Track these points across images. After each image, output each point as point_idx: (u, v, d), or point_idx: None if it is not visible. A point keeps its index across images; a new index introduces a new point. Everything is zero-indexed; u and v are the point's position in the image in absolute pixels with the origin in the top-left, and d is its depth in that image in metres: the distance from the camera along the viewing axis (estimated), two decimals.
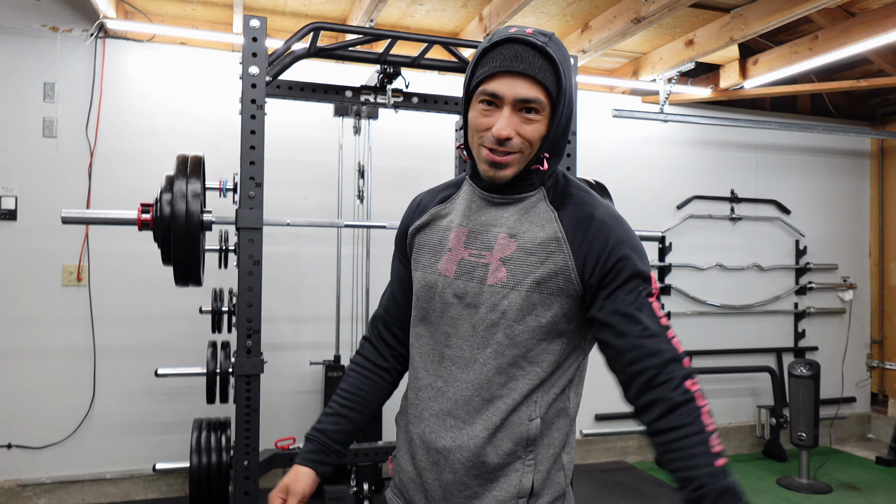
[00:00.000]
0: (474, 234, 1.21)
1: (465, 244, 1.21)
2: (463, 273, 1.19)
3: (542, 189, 1.21)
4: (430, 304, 1.23)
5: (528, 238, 1.17)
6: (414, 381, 1.27)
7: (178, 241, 2.32)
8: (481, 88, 1.13)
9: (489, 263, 1.17)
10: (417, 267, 1.27)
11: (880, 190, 5.23)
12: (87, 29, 3.57)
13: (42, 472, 3.49)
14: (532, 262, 1.15)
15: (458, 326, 1.19)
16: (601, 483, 4.08)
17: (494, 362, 1.16)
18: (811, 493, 3.97)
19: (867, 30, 3.48)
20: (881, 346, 5.21)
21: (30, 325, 3.48)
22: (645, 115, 4.47)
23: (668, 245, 4.63)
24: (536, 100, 1.11)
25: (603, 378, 4.37)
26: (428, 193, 1.34)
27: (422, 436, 1.21)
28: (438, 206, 1.29)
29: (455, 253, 1.21)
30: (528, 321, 1.15)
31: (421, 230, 1.29)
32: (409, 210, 1.35)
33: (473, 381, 1.17)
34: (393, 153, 4.00)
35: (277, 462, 2.78)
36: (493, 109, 1.12)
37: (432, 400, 1.21)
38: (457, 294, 1.19)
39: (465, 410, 1.17)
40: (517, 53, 1.10)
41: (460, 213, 1.24)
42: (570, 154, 2.63)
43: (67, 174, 3.54)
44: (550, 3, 3.57)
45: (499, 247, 1.17)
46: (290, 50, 2.54)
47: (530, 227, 1.17)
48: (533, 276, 1.14)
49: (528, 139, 1.13)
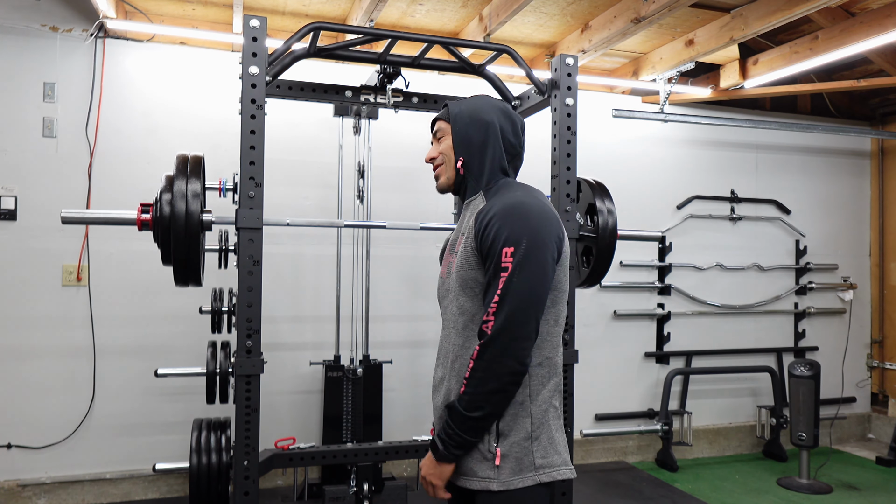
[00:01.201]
0: (453, 240, 1.64)
1: (449, 250, 1.66)
2: (447, 272, 1.64)
3: (482, 192, 1.63)
4: (441, 302, 1.68)
5: (463, 232, 1.59)
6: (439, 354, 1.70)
7: (178, 241, 2.32)
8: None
9: (451, 261, 1.61)
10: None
11: (880, 190, 5.23)
12: (87, 29, 3.57)
13: (42, 472, 3.49)
14: (461, 249, 1.56)
15: (446, 311, 1.63)
16: (601, 483, 4.07)
17: (454, 328, 1.57)
18: (811, 493, 3.97)
19: (867, 30, 3.48)
20: (881, 346, 5.21)
21: (30, 325, 3.48)
22: (645, 115, 4.47)
23: (668, 245, 4.63)
24: (440, 129, 1.70)
25: (603, 378, 4.35)
26: None
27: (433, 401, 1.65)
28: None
29: (446, 259, 1.67)
30: (466, 292, 1.53)
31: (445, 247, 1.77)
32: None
33: (447, 349, 1.60)
34: (393, 153, 4.00)
35: (277, 462, 2.78)
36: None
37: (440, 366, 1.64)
38: (446, 288, 1.63)
39: (446, 369, 1.59)
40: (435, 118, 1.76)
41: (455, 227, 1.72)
42: (570, 154, 2.63)
43: (67, 174, 3.54)
44: (550, 3, 3.57)
45: (458, 244, 1.60)
46: (290, 50, 2.54)
47: (467, 223, 1.59)
48: (461, 257, 1.56)
49: (443, 152, 1.67)
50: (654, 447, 4.57)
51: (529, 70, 2.71)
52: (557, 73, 2.63)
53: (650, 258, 4.62)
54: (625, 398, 4.56)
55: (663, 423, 4.37)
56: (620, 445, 4.55)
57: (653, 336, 4.62)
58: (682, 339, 4.66)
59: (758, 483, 4.16)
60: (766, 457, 4.70)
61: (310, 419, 3.86)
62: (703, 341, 4.73)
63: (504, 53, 2.74)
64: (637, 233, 3.10)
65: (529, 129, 4.33)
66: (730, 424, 4.82)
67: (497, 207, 1.50)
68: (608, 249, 2.70)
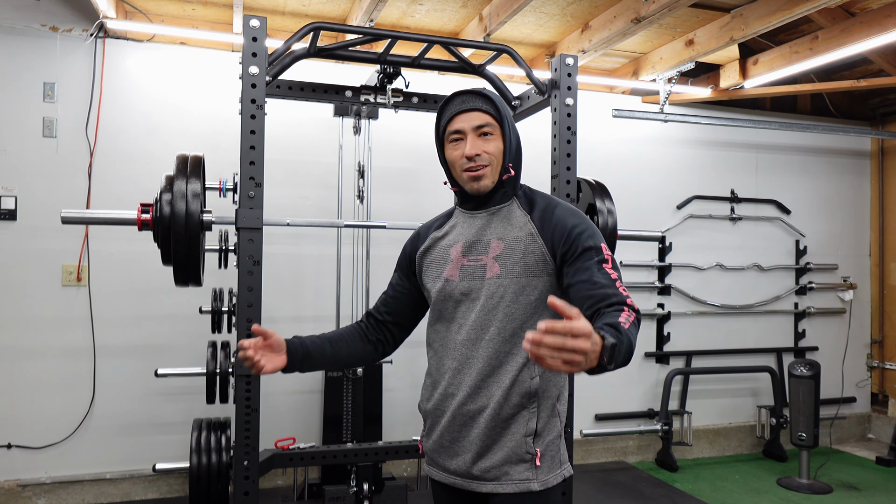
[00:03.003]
0: (469, 245, 1.57)
1: (463, 254, 1.57)
2: (465, 276, 1.55)
3: (515, 199, 1.59)
4: (444, 305, 1.58)
5: (511, 237, 1.53)
6: (439, 366, 1.58)
7: (178, 241, 2.32)
8: (449, 130, 1.56)
9: (486, 264, 1.53)
10: (428, 280, 1.63)
11: (880, 190, 5.23)
12: (87, 29, 3.57)
13: (42, 472, 3.49)
14: (518, 255, 1.51)
15: (467, 317, 1.54)
16: (601, 483, 4.07)
17: (499, 337, 1.50)
18: (811, 493, 3.97)
19: (867, 30, 3.48)
20: (881, 346, 5.21)
21: (30, 325, 3.48)
22: (645, 115, 4.46)
23: (668, 245, 4.63)
24: (488, 123, 1.53)
25: (603, 378, 4.35)
26: (423, 226, 1.74)
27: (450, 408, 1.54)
28: (435, 232, 1.66)
29: (456, 262, 1.58)
30: (520, 300, 1.49)
31: (426, 253, 1.65)
32: (411, 240, 1.73)
33: (483, 355, 1.50)
34: (393, 153, 4.00)
35: (277, 462, 2.78)
36: (460, 142, 1.55)
37: (455, 375, 1.54)
38: (463, 292, 1.55)
39: (480, 378, 1.50)
40: (466, 99, 1.55)
41: (456, 232, 1.62)
42: (570, 154, 2.63)
43: (67, 174, 3.54)
44: (550, 3, 3.57)
45: (492, 249, 1.54)
46: (290, 50, 2.54)
47: (511, 229, 1.54)
48: (520, 264, 1.50)
49: (491, 153, 1.53)
50: (654, 447, 4.57)
51: (529, 70, 2.71)
52: (557, 73, 2.63)
53: (650, 258, 4.62)
54: (625, 398, 4.56)
55: (663, 423, 4.37)
56: (620, 445, 4.55)
57: (653, 336, 4.62)
58: (682, 339, 4.66)
59: (758, 483, 4.16)
60: (766, 457, 4.70)
61: (310, 419, 3.86)
62: (703, 341, 4.73)
63: (504, 53, 2.74)
64: (637, 233, 3.10)
65: (530, 129, 4.33)
66: (730, 424, 4.82)
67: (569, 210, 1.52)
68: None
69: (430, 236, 1.66)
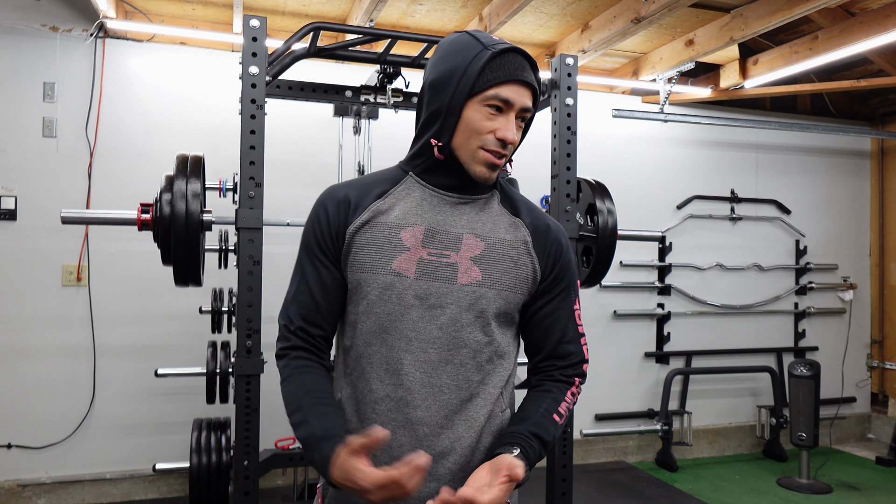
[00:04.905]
0: (433, 233, 1.19)
1: (423, 243, 1.19)
2: (424, 273, 1.17)
3: (496, 191, 1.28)
4: (385, 308, 1.17)
5: (496, 239, 1.22)
6: (366, 395, 1.18)
7: (178, 241, 2.32)
8: (493, 92, 1.14)
9: (457, 263, 1.19)
10: (362, 269, 1.19)
11: (880, 190, 5.23)
12: (87, 29, 3.57)
13: (42, 472, 3.48)
14: (507, 263, 1.21)
15: (422, 330, 1.17)
16: (601, 483, 4.07)
17: (473, 361, 1.18)
18: (811, 493, 3.97)
19: (867, 30, 3.48)
20: (881, 346, 5.21)
21: (30, 325, 3.48)
22: (645, 115, 4.46)
23: (668, 245, 4.63)
24: (531, 110, 1.19)
25: (603, 378, 4.35)
26: (352, 188, 1.25)
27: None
28: (377, 202, 1.22)
29: (413, 252, 1.18)
30: (502, 318, 1.22)
31: (363, 229, 1.20)
32: (332, 208, 1.23)
33: (449, 383, 1.17)
34: (393, 153, 3.97)
35: (277, 462, 2.78)
36: (497, 114, 1.15)
37: (395, 411, 1.16)
38: (418, 295, 1.17)
39: (442, 415, 1.16)
40: (522, 65, 1.16)
41: (410, 210, 1.21)
42: (570, 154, 2.62)
43: (67, 174, 3.54)
44: (550, 3, 3.57)
45: (466, 247, 1.20)
46: (290, 50, 2.54)
47: (494, 228, 1.23)
48: (510, 275, 1.21)
49: (515, 145, 1.20)
50: (654, 447, 4.57)
51: None
52: (557, 73, 2.62)
53: (650, 258, 4.62)
54: (625, 398, 4.56)
55: (663, 423, 4.37)
56: (620, 445, 4.55)
57: (653, 336, 4.62)
58: (682, 339, 4.66)
59: (758, 483, 4.16)
60: (766, 457, 4.70)
61: None
62: (703, 341, 4.73)
63: None
64: (637, 233, 3.10)
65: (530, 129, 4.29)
66: (730, 424, 4.82)
67: (559, 228, 1.30)
68: (608, 249, 2.70)
69: (371, 207, 1.22)
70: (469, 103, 1.15)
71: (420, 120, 1.24)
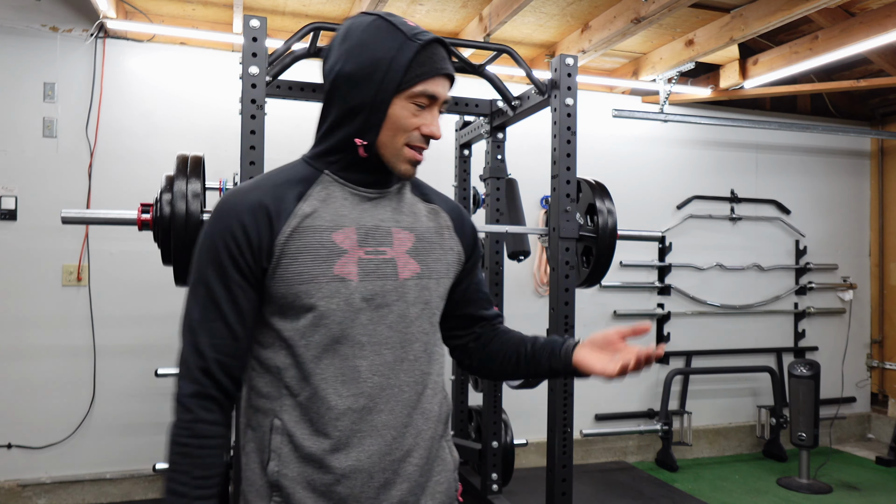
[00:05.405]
0: (365, 232, 1.14)
1: (359, 243, 1.13)
2: (368, 274, 1.12)
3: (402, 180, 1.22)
4: (335, 317, 1.09)
5: (422, 229, 1.22)
6: (323, 413, 1.09)
7: (178, 241, 2.32)
8: (421, 89, 1.11)
9: (394, 258, 1.15)
10: (300, 280, 1.08)
11: (880, 190, 5.23)
12: (87, 29, 3.57)
13: (42, 472, 3.49)
14: (438, 251, 1.23)
15: (373, 332, 1.12)
16: (601, 483, 4.07)
17: (425, 354, 1.18)
18: (811, 493, 3.97)
19: (867, 30, 3.48)
20: (881, 346, 5.21)
21: (30, 325, 3.48)
22: (645, 115, 4.46)
23: (668, 245, 4.63)
24: (449, 101, 1.17)
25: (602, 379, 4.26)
26: (262, 192, 1.12)
27: (356, 467, 1.09)
28: (300, 205, 1.12)
29: (352, 254, 1.12)
30: (441, 305, 1.24)
31: (292, 237, 1.09)
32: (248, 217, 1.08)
33: (407, 380, 1.15)
34: None
35: None
36: (422, 110, 1.12)
37: (359, 422, 1.10)
38: (365, 297, 1.11)
39: (405, 414, 1.14)
40: (444, 56, 1.13)
41: (336, 211, 1.13)
42: (570, 154, 2.62)
43: (67, 174, 3.54)
44: (550, 3, 3.57)
45: (398, 241, 1.17)
46: (290, 50, 2.54)
47: (416, 219, 1.22)
48: (443, 262, 1.23)
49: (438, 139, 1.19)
50: (654, 447, 4.57)
51: (529, 70, 2.71)
52: (557, 73, 2.63)
53: (650, 258, 4.62)
54: (625, 398, 4.56)
55: (663, 423, 4.37)
56: (620, 445, 4.55)
57: (653, 336, 4.62)
58: (682, 339, 4.66)
59: (758, 483, 4.16)
60: (766, 457, 4.70)
61: None
62: (703, 341, 4.73)
63: (504, 53, 2.74)
64: (637, 233, 3.10)
65: (529, 129, 4.30)
66: (730, 424, 4.82)
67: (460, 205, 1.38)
68: (608, 249, 2.70)
69: (295, 212, 1.11)
70: (395, 100, 1.10)
71: (331, 112, 1.15)
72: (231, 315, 1.08)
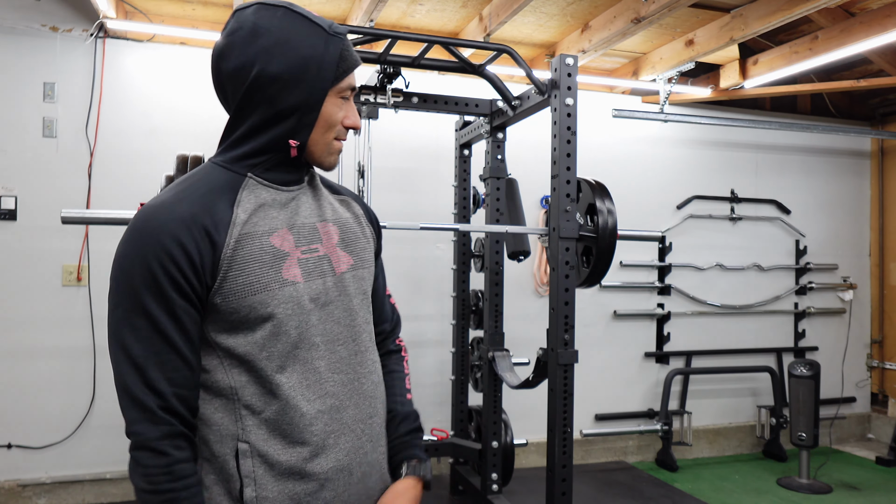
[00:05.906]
0: (297, 232, 1.12)
1: (296, 244, 1.11)
2: (310, 273, 1.11)
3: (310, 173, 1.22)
4: (293, 322, 1.07)
5: (342, 220, 1.22)
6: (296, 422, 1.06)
7: None
8: (347, 83, 1.12)
9: (327, 254, 1.15)
10: (252, 290, 1.04)
11: (880, 190, 5.23)
12: (87, 29, 3.57)
13: (42, 472, 3.48)
14: (361, 240, 1.24)
15: (325, 331, 1.11)
16: (601, 483, 4.07)
17: (371, 342, 1.21)
18: (811, 493, 3.97)
19: (867, 30, 3.48)
20: (881, 346, 5.21)
21: (30, 325, 3.47)
22: (645, 115, 4.46)
23: (668, 245, 4.63)
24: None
25: (603, 378, 4.34)
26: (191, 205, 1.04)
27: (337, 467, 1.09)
28: (236, 211, 1.07)
29: (293, 256, 1.09)
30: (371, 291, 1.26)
31: (237, 249, 1.04)
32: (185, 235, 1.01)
33: (362, 371, 1.17)
34: (393, 153, 4.00)
35: None
36: (344, 102, 1.14)
37: (332, 422, 1.09)
38: (312, 298, 1.10)
39: (366, 404, 1.16)
40: (350, 46, 1.14)
41: (267, 215, 1.10)
42: (570, 154, 2.62)
43: (67, 174, 3.54)
44: (550, 3, 3.57)
45: (326, 235, 1.16)
46: None
47: (334, 211, 1.22)
48: (367, 251, 1.25)
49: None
50: (654, 447, 4.57)
51: (529, 70, 2.71)
52: (557, 73, 2.63)
53: (650, 258, 4.62)
54: (625, 398, 4.56)
55: (663, 423, 4.37)
56: (620, 445, 4.55)
57: (653, 336, 4.62)
58: (682, 339, 4.66)
59: (758, 483, 4.16)
60: (766, 457, 4.70)
61: None
62: (703, 341, 4.73)
63: (504, 53, 2.74)
64: (637, 233, 3.11)
65: (529, 129, 4.29)
66: (730, 424, 4.82)
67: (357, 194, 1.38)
68: (608, 249, 2.70)
69: (234, 221, 1.06)
70: (329, 99, 1.11)
71: (252, 114, 1.08)
72: (182, 344, 1.02)
